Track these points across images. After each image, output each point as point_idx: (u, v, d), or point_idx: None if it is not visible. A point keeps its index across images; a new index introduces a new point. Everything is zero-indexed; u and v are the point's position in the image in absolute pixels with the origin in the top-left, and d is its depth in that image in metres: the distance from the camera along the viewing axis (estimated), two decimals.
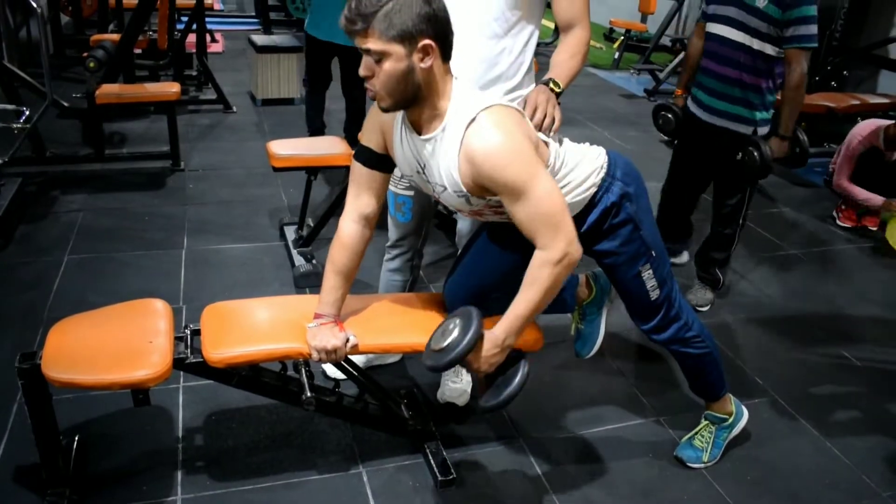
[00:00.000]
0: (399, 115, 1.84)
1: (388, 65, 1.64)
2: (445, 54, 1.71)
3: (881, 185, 4.34)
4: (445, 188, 1.81)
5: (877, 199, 4.28)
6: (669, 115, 3.34)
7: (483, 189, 1.75)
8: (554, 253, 1.74)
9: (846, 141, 4.44)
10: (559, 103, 2.01)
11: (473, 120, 1.70)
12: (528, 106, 1.94)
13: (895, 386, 2.94)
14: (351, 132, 4.45)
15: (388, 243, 2.57)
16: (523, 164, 1.69)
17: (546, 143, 1.88)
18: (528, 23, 2.17)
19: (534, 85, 2.26)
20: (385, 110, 1.75)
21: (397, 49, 1.62)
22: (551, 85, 2.03)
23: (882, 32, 6.39)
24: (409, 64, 1.64)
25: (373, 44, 1.62)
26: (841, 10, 6.06)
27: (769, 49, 2.89)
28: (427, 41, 1.63)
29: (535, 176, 1.70)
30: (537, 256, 1.76)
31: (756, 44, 2.90)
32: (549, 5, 2.20)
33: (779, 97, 3.04)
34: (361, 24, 1.60)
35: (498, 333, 1.84)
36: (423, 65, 1.66)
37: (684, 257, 3.73)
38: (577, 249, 1.77)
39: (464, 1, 2.10)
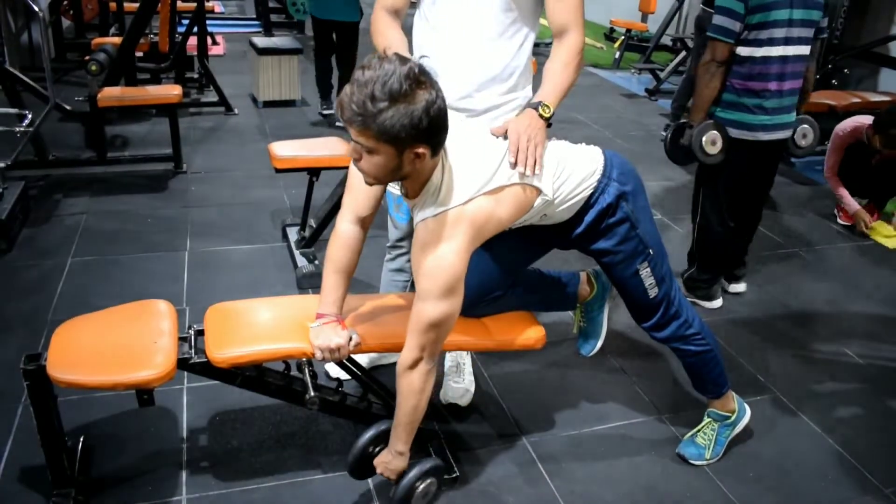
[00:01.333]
0: None
1: (376, 158, 1.66)
2: (436, 149, 1.71)
3: (866, 181, 4.35)
4: None
5: (854, 205, 4.31)
6: (719, 142, 3.05)
7: None
8: (408, 356, 1.88)
9: (833, 133, 4.45)
10: (550, 124, 1.98)
11: (435, 216, 1.76)
12: (511, 144, 1.86)
13: None
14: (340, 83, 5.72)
15: (388, 244, 2.58)
16: (437, 287, 1.78)
17: (535, 186, 1.88)
18: (522, 25, 2.15)
19: (530, 87, 2.25)
20: (369, 184, 1.80)
21: (389, 150, 1.63)
22: (540, 110, 1.96)
23: (882, 30, 6.40)
24: (398, 162, 1.67)
25: (365, 140, 1.62)
26: (841, 9, 6.07)
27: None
28: (421, 149, 1.65)
29: (438, 299, 1.79)
30: (407, 365, 1.89)
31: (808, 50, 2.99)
32: None
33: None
34: (359, 122, 1.58)
35: (391, 443, 2.02)
36: (413, 164, 1.69)
37: (743, 285, 3.58)
38: (431, 363, 1.91)
39: (456, 2, 2.11)
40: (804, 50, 2.97)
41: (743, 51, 2.93)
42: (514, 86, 2.20)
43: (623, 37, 8.74)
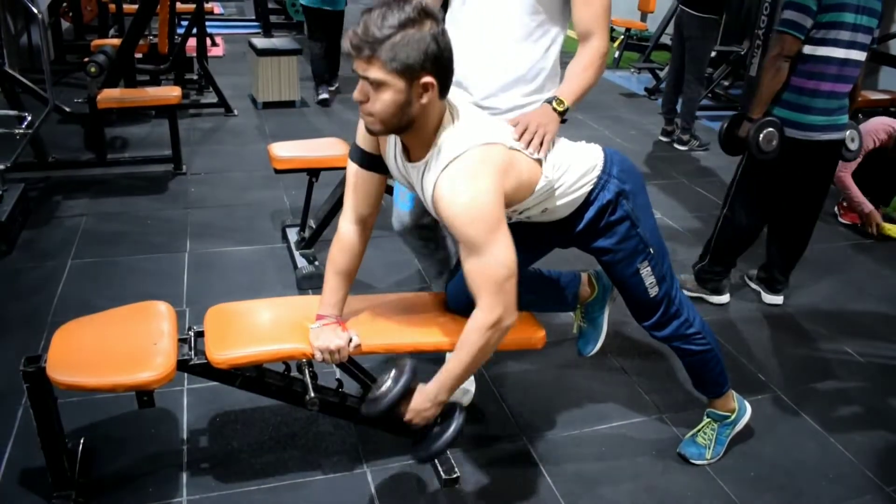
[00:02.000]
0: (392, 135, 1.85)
1: (385, 95, 1.62)
2: (444, 90, 1.70)
3: (881, 184, 4.34)
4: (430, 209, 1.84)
5: (867, 206, 4.30)
6: (776, 141, 3.01)
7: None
8: (490, 317, 1.76)
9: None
10: (564, 120, 2.00)
11: (452, 161, 1.69)
12: (518, 126, 1.88)
13: None
14: (331, 68, 6.59)
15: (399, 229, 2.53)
16: (484, 225, 1.68)
17: (539, 161, 1.88)
18: (550, 27, 2.16)
19: (556, 89, 2.24)
20: (373, 134, 1.75)
21: (397, 82, 1.60)
22: (554, 104, 2.00)
23: (882, 28, 6.39)
24: (407, 97, 1.63)
25: (374, 73, 1.60)
26: None
27: None
28: (429, 78, 1.62)
29: (492, 241, 1.69)
30: (474, 317, 1.79)
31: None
32: None
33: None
34: (367, 50, 1.57)
35: (430, 388, 1.87)
36: (421, 100, 1.65)
37: (780, 297, 3.51)
38: (512, 317, 1.79)
39: (484, 4, 2.11)
40: (862, 56, 2.96)
41: (806, 48, 2.92)
42: (540, 87, 2.19)
43: (622, 36, 8.74)
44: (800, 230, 3.36)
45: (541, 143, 1.87)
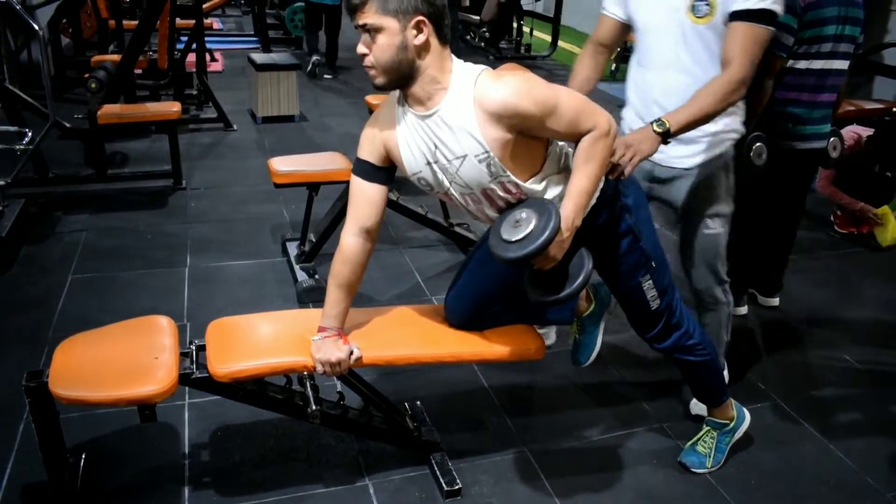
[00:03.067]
0: (398, 110, 1.87)
1: (381, 39, 1.70)
2: (441, 33, 1.75)
3: (863, 190, 4.36)
4: (465, 156, 1.79)
5: (857, 203, 4.33)
6: (764, 154, 2.99)
7: (508, 140, 1.76)
8: (602, 127, 1.82)
9: None
10: (667, 141, 2.04)
11: (478, 77, 1.75)
12: (617, 148, 1.94)
13: None
14: (330, 56, 8.03)
15: None
16: (539, 84, 1.76)
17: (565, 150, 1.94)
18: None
19: (738, 119, 2.31)
20: (381, 86, 1.78)
21: (391, 23, 1.69)
22: (654, 125, 2.03)
23: (876, 38, 6.44)
24: (402, 39, 1.70)
25: (368, 18, 1.69)
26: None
27: None
28: (420, 17, 1.69)
29: (553, 88, 1.78)
30: (587, 138, 1.82)
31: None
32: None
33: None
34: None
35: (567, 213, 1.82)
36: (416, 41, 1.71)
37: (776, 299, 3.60)
38: (614, 122, 1.90)
39: (664, 44, 2.23)
40: (845, 65, 2.99)
41: (789, 62, 2.93)
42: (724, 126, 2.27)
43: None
44: (786, 232, 3.43)
45: (621, 164, 1.94)
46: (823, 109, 3.03)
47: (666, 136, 2.02)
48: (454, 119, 1.76)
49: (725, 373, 2.62)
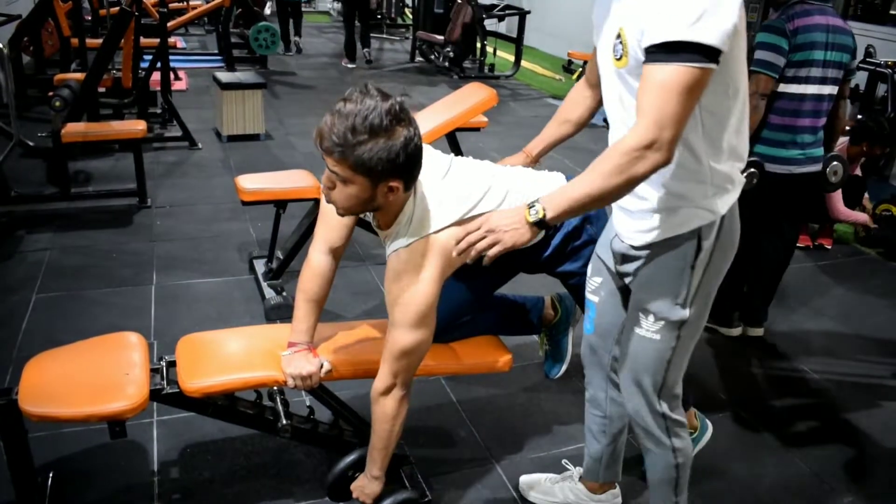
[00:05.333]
0: None
1: (350, 189, 1.69)
2: (409, 184, 1.76)
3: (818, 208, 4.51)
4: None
5: (861, 217, 4.49)
6: (755, 179, 3.09)
7: None
8: (380, 384, 1.95)
9: None
10: (547, 231, 1.79)
11: (402, 248, 1.82)
12: (471, 225, 1.70)
13: (851, 395, 3.05)
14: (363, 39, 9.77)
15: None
16: (413, 315, 1.84)
17: None
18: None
19: (702, 196, 1.70)
20: (339, 215, 1.82)
21: (362, 181, 1.67)
22: (528, 213, 1.63)
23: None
24: (371, 195, 1.71)
25: (342, 170, 1.65)
26: None
27: None
28: (394, 183, 1.69)
29: (414, 327, 1.86)
30: (373, 389, 1.97)
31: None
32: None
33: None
34: (337, 154, 1.62)
35: (367, 467, 2.09)
36: (386, 198, 1.74)
37: (760, 330, 3.56)
38: (402, 389, 1.97)
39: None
40: (835, 90, 3.10)
41: (780, 86, 3.04)
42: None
43: (580, 69, 8.95)
44: (781, 260, 3.47)
45: (478, 250, 1.67)
46: (816, 134, 3.14)
47: (542, 227, 1.63)
48: (388, 251, 1.88)
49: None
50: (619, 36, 1.58)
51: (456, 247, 1.70)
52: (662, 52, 1.45)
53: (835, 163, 3.30)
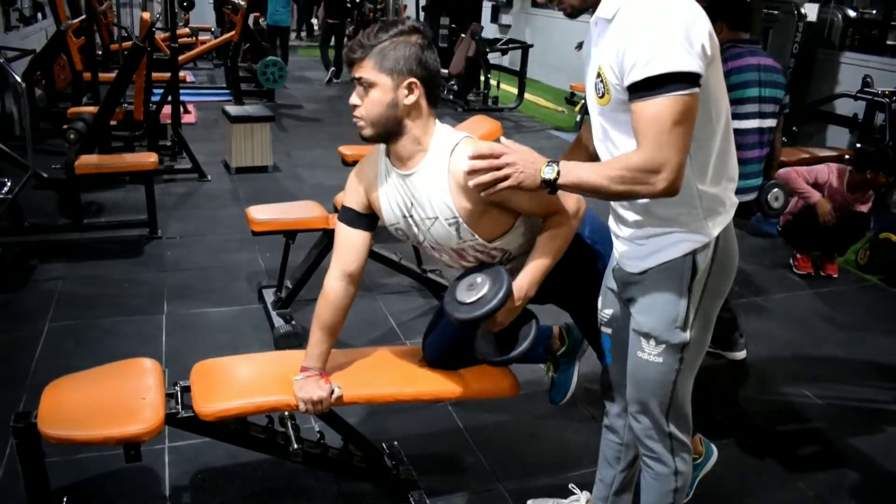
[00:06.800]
0: (382, 163, 1.98)
1: (374, 94, 1.82)
2: (431, 97, 1.87)
3: (821, 238, 4.55)
4: (436, 219, 1.92)
5: (814, 195, 4.50)
6: None
7: (477, 210, 1.87)
8: (569, 210, 1.92)
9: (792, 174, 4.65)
10: (553, 189, 1.69)
11: (455, 146, 1.85)
12: (504, 156, 1.68)
13: (855, 420, 3.08)
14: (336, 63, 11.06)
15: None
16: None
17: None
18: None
19: (690, 224, 1.75)
20: (366, 138, 1.89)
21: (385, 80, 1.81)
22: (544, 170, 1.67)
23: (827, 90, 6.76)
24: (393, 97, 1.82)
25: (364, 72, 1.81)
26: (787, 70, 6.42)
27: None
28: (412, 79, 1.82)
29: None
30: (553, 218, 1.93)
31: None
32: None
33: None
34: (360, 52, 1.81)
35: (522, 284, 1.95)
36: (406, 101, 1.82)
37: (741, 353, 3.58)
38: (583, 201, 1.93)
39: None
40: (772, 123, 3.28)
41: None
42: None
43: (583, 101, 9.06)
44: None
45: (492, 178, 1.68)
46: (755, 165, 3.32)
47: (549, 186, 1.68)
48: (429, 183, 1.89)
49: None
50: (599, 75, 1.67)
51: (471, 162, 1.70)
52: (646, 88, 1.53)
53: (775, 189, 3.49)
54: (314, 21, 15.01)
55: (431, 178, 1.88)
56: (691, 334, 1.79)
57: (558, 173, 1.65)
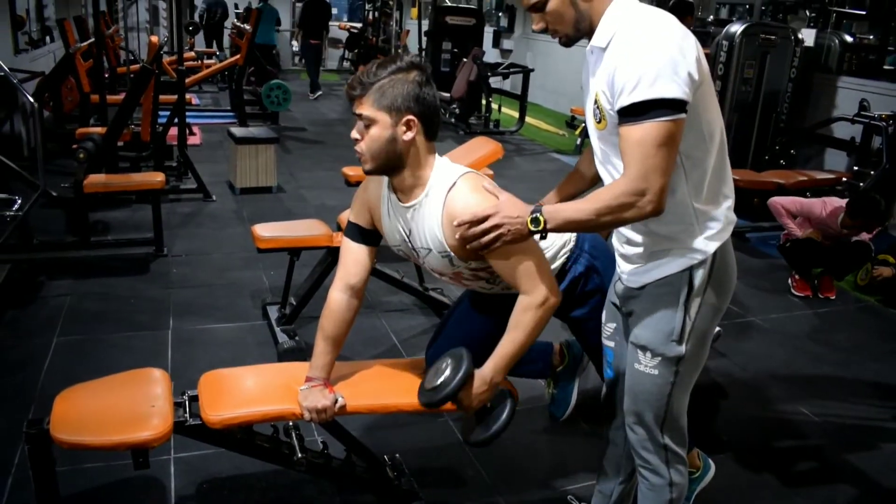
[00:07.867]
0: (385, 189, 2.04)
1: (374, 130, 1.88)
2: (429, 132, 1.93)
3: (820, 261, 4.62)
4: (430, 250, 1.99)
5: (799, 233, 4.60)
6: None
7: (466, 249, 1.90)
8: (536, 297, 1.92)
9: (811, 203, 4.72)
10: (543, 236, 1.80)
11: (453, 186, 1.91)
12: (486, 211, 1.80)
13: (851, 437, 3.12)
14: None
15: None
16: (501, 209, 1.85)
17: None
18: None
19: (690, 238, 1.81)
20: (368, 172, 1.96)
21: (383, 117, 1.87)
22: (529, 222, 1.75)
23: (824, 113, 6.85)
24: (392, 133, 1.88)
25: (364, 109, 1.87)
26: (785, 94, 6.51)
27: None
28: (411, 117, 1.87)
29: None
30: (521, 301, 1.93)
31: None
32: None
33: None
34: (360, 90, 1.87)
35: (486, 372, 2.00)
36: (405, 137, 1.89)
37: None
38: (557, 295, 1.94)
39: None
40: None
41: None
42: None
43: (583, 124, 9.17)
44: None
45: (482, 244, 1.81)
46: None
47: (539, 234, 1.77)
48: (425, 218, 1.96)
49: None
50: (595, 101, 1.75)
51: (460, 229, 1.82)
52: (633, 113, 1.60)
53: None
54: (293, 44, 14.61)
55: (428, 214, 1.96)
56: (687, 348, 1.84)
57: (544, 221, 1.73)
